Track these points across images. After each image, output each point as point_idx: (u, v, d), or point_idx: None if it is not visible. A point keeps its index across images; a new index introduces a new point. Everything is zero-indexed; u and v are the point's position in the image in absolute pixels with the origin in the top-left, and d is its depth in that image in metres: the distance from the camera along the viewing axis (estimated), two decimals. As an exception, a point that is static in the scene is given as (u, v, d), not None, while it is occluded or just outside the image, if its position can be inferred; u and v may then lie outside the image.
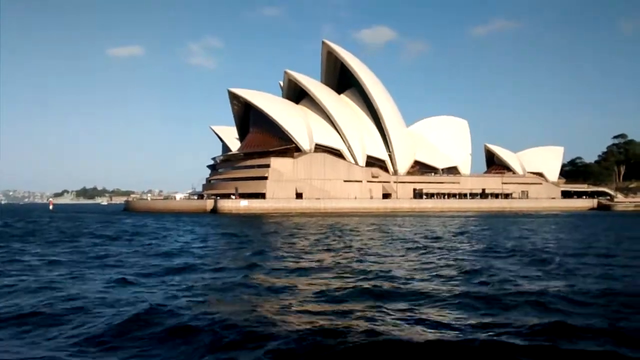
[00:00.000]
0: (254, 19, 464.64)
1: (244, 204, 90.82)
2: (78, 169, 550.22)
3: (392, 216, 77.06)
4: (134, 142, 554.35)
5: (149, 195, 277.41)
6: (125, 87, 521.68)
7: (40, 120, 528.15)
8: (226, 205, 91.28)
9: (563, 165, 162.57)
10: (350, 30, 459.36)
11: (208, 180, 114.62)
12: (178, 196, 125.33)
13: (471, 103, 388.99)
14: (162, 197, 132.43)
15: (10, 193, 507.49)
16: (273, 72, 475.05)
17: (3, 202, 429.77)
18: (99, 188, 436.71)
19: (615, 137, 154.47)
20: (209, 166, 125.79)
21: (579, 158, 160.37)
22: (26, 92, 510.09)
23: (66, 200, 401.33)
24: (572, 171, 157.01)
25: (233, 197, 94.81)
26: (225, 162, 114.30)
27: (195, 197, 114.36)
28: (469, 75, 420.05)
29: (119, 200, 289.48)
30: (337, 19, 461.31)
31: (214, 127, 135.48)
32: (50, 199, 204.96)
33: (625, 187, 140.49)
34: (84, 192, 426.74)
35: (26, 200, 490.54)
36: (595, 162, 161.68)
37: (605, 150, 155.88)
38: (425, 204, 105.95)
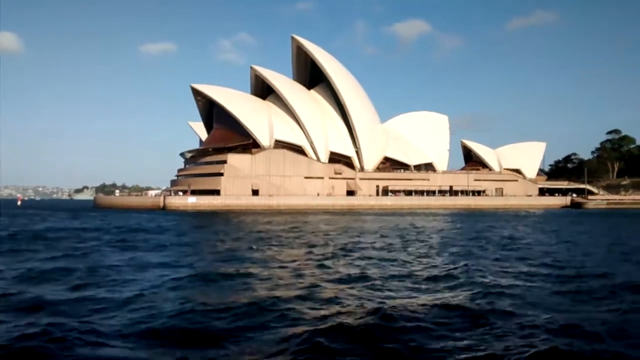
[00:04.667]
0: (286, 14, 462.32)
1: (191, 201, 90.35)
2: (102, 166, 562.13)
3: (346, 214, 75.20)
4: (158, 139, 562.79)
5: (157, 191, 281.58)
6: (154, 84, 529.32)
7: (69, 116, 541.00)
8: (174, 202, 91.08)
9: (557, 162, 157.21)
10: (383, 24, 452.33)
11: (177, 177, 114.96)
12: (151, 193, 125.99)
13: (490, 98, 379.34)
14: (137, 194, 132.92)
15: (40, 189, 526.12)
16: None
17: (34, 198, 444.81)
18: (118, 184, 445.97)
19: (609, 132, 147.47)
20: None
21: (574, 154, 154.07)
22: (56, 89, 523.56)
23: (86, 196, 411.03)
24: (566, 168, 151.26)
25: (181, 193, 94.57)
26: (192, 158, 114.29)
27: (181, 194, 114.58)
28: (499, 70, 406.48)
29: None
30: (370, 13, 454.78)
31: (190, 123, 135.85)
32: (19, 195, 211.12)
33: (617, 184, 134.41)
34: (102, 188, 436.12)
35: (54, 195, 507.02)
36: (596, 158, 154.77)
37: (598, 146, 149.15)
38: (385, 201, 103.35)
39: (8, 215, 68.84)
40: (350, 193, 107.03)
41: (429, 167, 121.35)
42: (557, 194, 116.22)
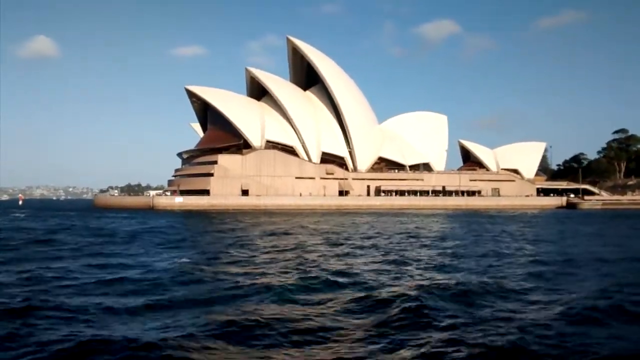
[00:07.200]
0: (313, 15, 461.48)
1: (178, 201, 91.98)
2: (131, 166, 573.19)
3: (334, 215, 75.66)
4: (185, 140, 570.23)
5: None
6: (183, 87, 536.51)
7: (101, 118, 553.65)
8: (161, 201, 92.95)
9: (565, 162, 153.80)
10: (411, 25, 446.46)
11: (173, 177, 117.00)
12: (151, 193, 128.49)
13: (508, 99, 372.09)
14: (135, 194, 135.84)
15: (70, 189, 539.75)
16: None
17: (62, 197, 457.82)
18: (143, 184, 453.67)
19: (616, 132, 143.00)
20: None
21: (582, 154, 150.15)
22: (89, 92, 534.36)
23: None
24: (575, 167, 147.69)
25: (168, 193, 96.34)
26: (188, 159, 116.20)
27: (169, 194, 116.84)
28: (523, 70, 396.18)
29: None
30: (398, 15, 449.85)
31: (192, 124, 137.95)
32: (20, 195, 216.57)
33: (624, 184, 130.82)
34: (127, 188, 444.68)
35: (84, 195, 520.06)
36: (603, 158, 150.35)
37: (604, 145, 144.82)
38: (374, 201, 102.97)
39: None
40: (342, 193, 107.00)
41: (426, 167, 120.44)
42: (552, 194, 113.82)
